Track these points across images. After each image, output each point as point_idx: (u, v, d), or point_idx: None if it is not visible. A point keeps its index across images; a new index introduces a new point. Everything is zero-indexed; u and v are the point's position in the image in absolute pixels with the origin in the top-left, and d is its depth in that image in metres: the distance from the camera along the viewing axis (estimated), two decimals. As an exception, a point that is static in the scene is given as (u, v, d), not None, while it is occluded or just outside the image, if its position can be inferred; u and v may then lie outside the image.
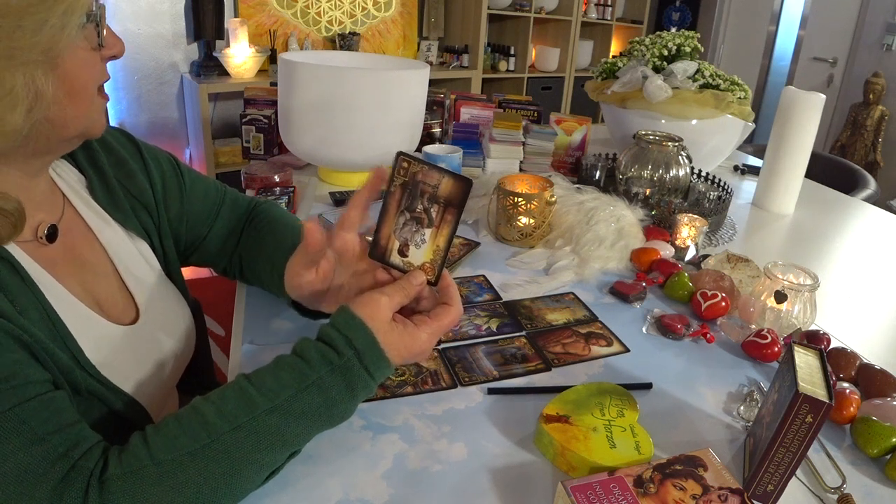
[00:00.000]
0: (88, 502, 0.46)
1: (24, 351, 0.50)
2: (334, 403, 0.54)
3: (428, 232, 0.60)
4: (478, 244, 1.08)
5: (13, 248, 0.55)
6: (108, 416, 0.60)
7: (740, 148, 1.97)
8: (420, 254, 0.61)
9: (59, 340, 0.55)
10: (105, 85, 0.62)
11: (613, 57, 1.70)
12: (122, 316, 0.66)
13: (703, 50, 1.87)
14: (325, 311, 0.72)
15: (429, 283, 0.61)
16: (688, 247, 1.08)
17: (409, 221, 0.60)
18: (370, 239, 0.62)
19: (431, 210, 0.59)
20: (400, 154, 0.59)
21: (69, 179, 0.67)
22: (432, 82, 1.40)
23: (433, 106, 1.68)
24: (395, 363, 0.58)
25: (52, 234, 0.61)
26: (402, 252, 0.61)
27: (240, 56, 2.84)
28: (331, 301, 0.68)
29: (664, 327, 0.85)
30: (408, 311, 0.62)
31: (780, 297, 0.86)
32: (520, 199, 1.06)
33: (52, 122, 0.55)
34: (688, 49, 1.51)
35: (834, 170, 2.07)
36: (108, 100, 0.62)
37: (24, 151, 0.56)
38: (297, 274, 0.65)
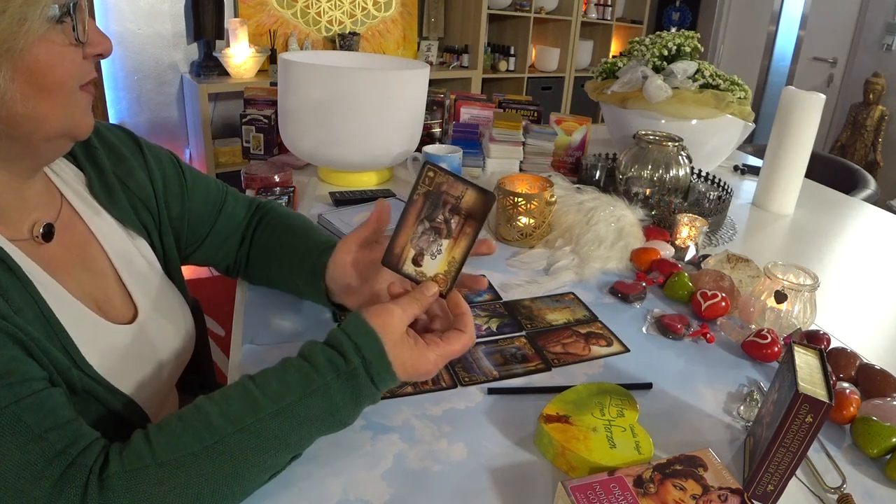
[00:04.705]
0: (88, 499, 0.46)
1: (19, 349, 0.50)
2: (338, 409, 0.55)
3: (445, 243, 0.60)
4: (478, 244, 1.08)
5: (9, 247, 0.55)
6: (105, 415, 0.60)
7: (740, 148, 1.96)
8: (434, 265, 0.61)
9: (55, 339, 0.55)
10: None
11: (613, 57, 1.70)
12: (120, 315, 0.66)
13: (703, 50, 1.87)
14: (346, 306, 0.74)
15: (440, 294, 0.61)
16: (688, 247, 1.08)
17: (427, 231, 0.60)
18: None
19: (452, 221, 0.60)
20: (427, 163, 0.60)
21: (67, 177, 0.67)
22: (432, 82, 1.40)
23: (433, 106, 1.68)
24: (400, 378, 0.58)
25: (48, 233, 0.60)
26: (416, 262, 0.61)
27: (240, 56, 2.84)
28: (359, 298, 0.71)
29: (664, 327, 0.85)
30: (420, 329, 0.62)
31: (780, 297, 0.86)
32: (520, 199, 1.06)
33: (24, 119, 0.53)
34: (688, 49, 1.51)
35: (834, 170, 2.07)
36: (92, 95, 0.60)
37: (8, 153, 0.56)
38: (350, 252, 0.69)
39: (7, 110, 0.52)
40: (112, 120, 2.81)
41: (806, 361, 0.59)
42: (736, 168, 1.77)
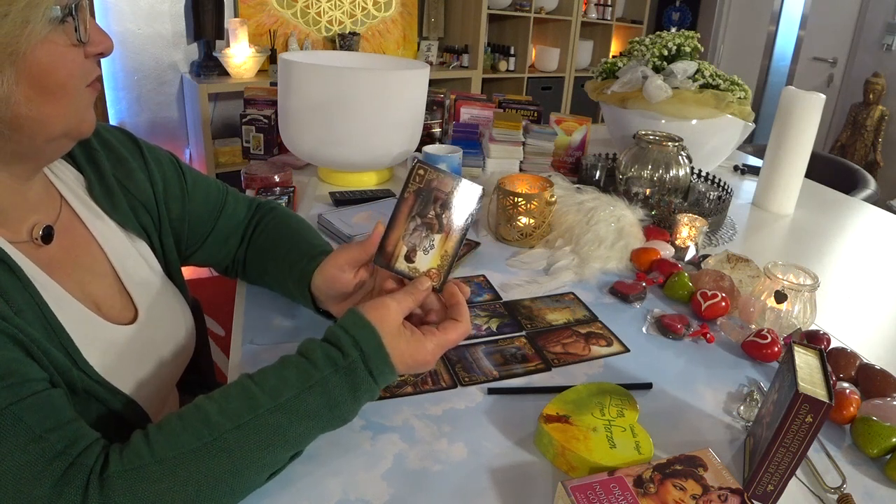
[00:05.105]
0: (88, 499, 0.46)
1: (20, 350, 0.50)
2: (336, 405, 0.55)
3: (437, 237, 0.61)
4: (478, 244, 1.08)
5: (10, 249, 0.55)
6: (106, 416, 0.60)
7: (740, 148, 1.97)
8: (427, 260, 0.61)
9: (55, 340, 0.55)
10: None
11: (613, 57, 1.70)
12: (120, 316, 0.66)
13: (703, 50, 1.87)
14: (332, 313, 0.73)
15: (434, 289, 0.62)
16: (688, 247, 1.08)
17: (419, 227, 0.61)
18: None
19: (443, 216, 0.60)
20: (418, 162, 0.61)
21: (66, 179, 0.67)
22: (432, 82, 1.40)
23: (433, 106, 1.68)
24: (399, 370, 0.58)
25: (47, 235, 0.60)
26: (409, 258, 0.62)
27: (240, 56, 2.84)
28: (345, 306, 0.71)
29: (664, 327, 0.85)
30: (416, 322, 0.63)
31: (780, 297, 0.86)
32: (520, 199, 1.06)
33: (28, 121, 0.53)
34: (688, 49, 1.51)
35: (834, 170, 2.07)
36: (97, 91, 0.60)
37: (9, 155, 0.56)
38: (341, 269, 0.68)
39: (11, 113, 0.52)
40: (112, 120, 2.81)
41: (806, 361, 0.59)
42: (736, 168, 1.77)
